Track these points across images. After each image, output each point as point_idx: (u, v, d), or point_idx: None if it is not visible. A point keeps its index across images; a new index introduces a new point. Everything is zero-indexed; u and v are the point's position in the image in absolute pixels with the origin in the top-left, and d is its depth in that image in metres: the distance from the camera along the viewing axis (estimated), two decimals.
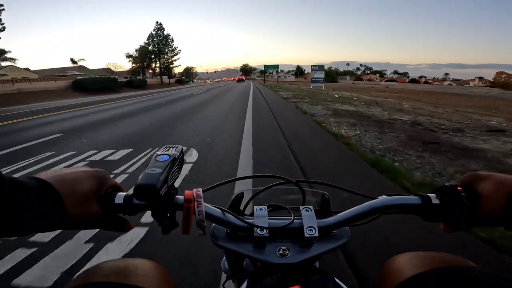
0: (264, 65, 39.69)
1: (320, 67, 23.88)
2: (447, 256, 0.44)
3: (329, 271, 0.39)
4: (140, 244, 1.51)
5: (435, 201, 0.40)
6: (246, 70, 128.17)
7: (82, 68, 44.70)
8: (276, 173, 0.46)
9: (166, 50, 46.82)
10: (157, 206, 0.36)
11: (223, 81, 64.31)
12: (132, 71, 46.70)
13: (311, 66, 23.51)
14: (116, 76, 32.96)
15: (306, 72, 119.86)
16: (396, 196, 0.41)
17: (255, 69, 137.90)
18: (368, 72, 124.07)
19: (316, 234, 0.37)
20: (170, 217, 0.38)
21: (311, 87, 20.86)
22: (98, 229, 0.31)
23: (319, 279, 0.38)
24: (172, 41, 47.35)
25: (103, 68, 55.50)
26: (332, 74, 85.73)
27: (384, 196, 0.41)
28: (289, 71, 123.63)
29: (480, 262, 0.41)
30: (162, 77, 44.80)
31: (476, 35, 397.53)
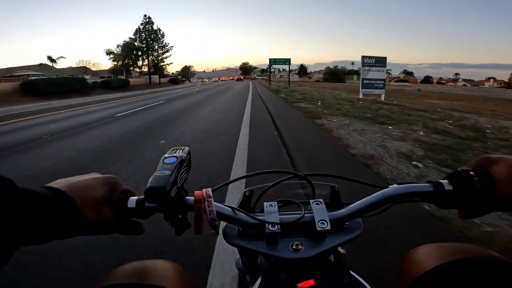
0: (270, 59, 29.50)
1: (379, 60, 12.52)
2: (470, 246, 0.44)
3: (344, 264, 0.39)
4: None
5: (448, 187, 0.40)
6: (246, 69, 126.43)
7: (45, 67, 40.09)
8: None
9: (156, 46, 43.28)
10: (168, 208, 0.38)
11: (221, 80, 62.45)
12: (113, 70, 44.07)
13: (362, 57, 12.25)
14: (88, 76, 26.68)
15: (309, 71, 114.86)
16: (408, 184, 0.41)
17: (255, 67, 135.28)
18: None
19: (328, 227, 0.38)
20: (182, 218, 0.39)
21: (361, 95, 12.21)
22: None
23: (334, 273, 0.39)
24: (163, 36, 43.69)
25: (77, 67, 48.92)
26: (339, 74, 78.96)
27: (395, 185, 0.42)
28: (291, 71, 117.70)
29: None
30: (152, 76, 42.18)
31: (476, 35, 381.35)
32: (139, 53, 41.10)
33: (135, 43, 40.45)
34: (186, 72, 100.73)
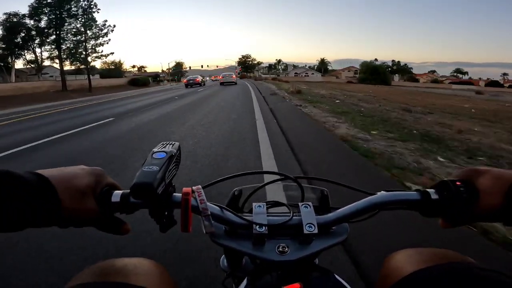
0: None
1: None
2: (448, 252, 0.48)
3: (329, 268, 0.43)
4: None
5: (434, 196, 0.43)
6: (247, 65, 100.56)
7: None
8: None
9: (74, 24, 27.71)
10: (154, 205, 0.40)
11: (212, 79, 57.39)
12: None
13: None
14: None
15: (333, 69, 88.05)
16: (395, 192, 0.45)
17: (259, 63, 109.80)
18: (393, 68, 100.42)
19: (316, 231, 0.41)
20: (168, 215, 0.41)
21: None
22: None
23: (319, 276, 0.41)
24: (91, 7, 28.40)
25: None
26: (383, 72, 53.90)
27: (383, 191, 0.45)
28: (309, 67, 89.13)
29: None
30: (88, 77, 29.42)
31: (480, 33, 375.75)
32: (36, 38, 26.52)
33: (30, 21, 26.03)
34: (179, 70, 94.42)
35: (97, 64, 50.15)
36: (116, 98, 17.27)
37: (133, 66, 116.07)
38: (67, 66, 27.94)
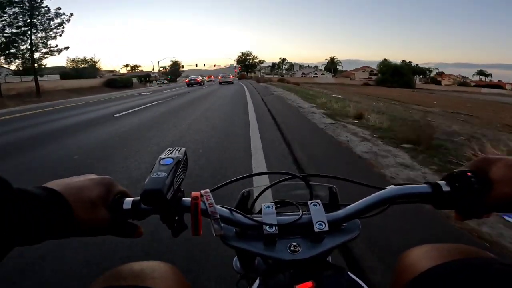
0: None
1: None
2: (465, 247, 0.49)
3: (343, 266, 0.44)
4: None
5: (446, 188, 0.44)
6: (247, 64, 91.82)
7: None
8: None
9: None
10: (165, 210, 0.43)
11: (207, 80, 53.36)
12: None
13: None
14: None
15: (339, 68, 79.48)
16: (405, 185, 0.47)
17: (261, 61, 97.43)
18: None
19: (326, 228, 0.43)
20: (178, 220, 0.44)
21: None
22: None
23: (332, 274, 0.43)
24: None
25: None
26: (406, 74, 45.58)
27: (392, 186, 0.47)
28: (316, 67, 79.83)
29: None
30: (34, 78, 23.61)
31: (482, 35, 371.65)
32: None
33: None
34: (176, 70, 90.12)
35: (62, 62, 42.07)
36: (66, 106, 13.78)
37: (126, 65, 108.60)
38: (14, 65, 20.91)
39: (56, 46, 25.02)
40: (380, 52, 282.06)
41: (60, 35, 25.15)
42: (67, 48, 26.36)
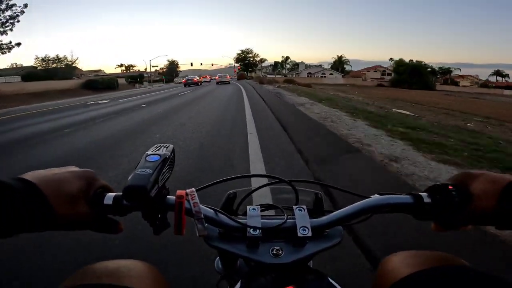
0: None
1: None
2: (442, 255, 0.52)
3: (323, 271, 0.46)
4: None
5: (427, 200, 0.47)
6: (247, 62, 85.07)
7: None
8: None
9: None
10: (147, 207, 0.43)
11: (201, 80, 46.65)
12: None
13: None
14: None
15: (351, 69, 73.23)
16: (388, 195, 0.49)
17: (262, 60, 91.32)
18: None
19: (309, 234, 0.44)
20: (161, 217, 0.45)
21: None
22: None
23: (313, 279, 0.45)
24: None
25: None
26: (424, 74, 39.08)
27: (376, 195, 0.49)
28: (320, 66, 73.62)
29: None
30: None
31: (482, 34, 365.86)
32: None
33: None
34: (173, 70, 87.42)
35: (29, 62, 36.47)
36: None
37: (121, 65, 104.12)
38: None
39: (10, 42, 20.35)
40: (382, 52, 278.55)
41: (11, 30, 20.57)
42: (18, 44, 21.69)
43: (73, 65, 43.55)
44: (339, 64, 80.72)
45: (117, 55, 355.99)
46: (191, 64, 76.42)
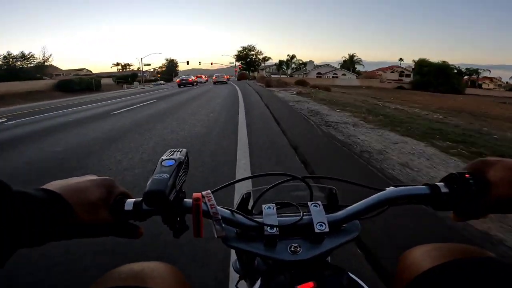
0: None
1: None
2: (466, 247, 0.52)
3: (342, 266, 0.47)
4: None
5: (444, 189, 0.47)
6: (249, 60, 77.87)
7: None
8: None
9: None
10: (167, 211, 0.45)
11: (195, 79, 41.83)
12: None
13: None
14: None
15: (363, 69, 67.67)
16: (404, 187, 0.50)
17: (266, 58, 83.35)
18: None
19: (327, 229, 0.45)
20: (180, 221, 0.46)
21: None
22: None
23: (333, 275, 0.45)
24: None
25: None
26: (450, 75, 32.36)
27: (391, 187, 0.50)
28: (327, 65, 67.78)
29: None
30: None
31: (485, 35, 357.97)
32: None
33: None
34: (172, 69, 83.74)
35: None
36: None
37: (117, 64, 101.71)
38: None
39: None
40: (381, 53, 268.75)
41: None
42: None
43: (46, 63, 37.36)
44: (350, 63, 73.25)
45: (116, 55, 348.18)
46: (187, 63, 70.30)
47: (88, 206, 0.40)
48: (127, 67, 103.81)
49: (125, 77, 56.25)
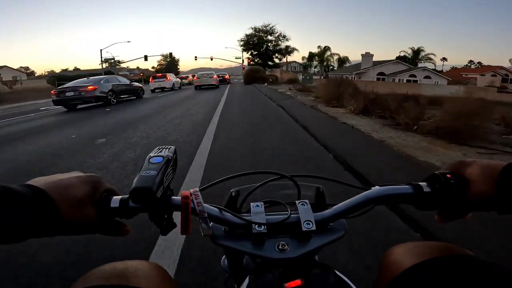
0: None
1: None
2: (445, 245, 0.58)
3: (329, 264, 0.51)
4: None
5: (426, 189, 0.52)
6: (264, 52, 52.01)
7: None
8: None
9: None
10: (154, 209, 0.48)
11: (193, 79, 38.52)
12: None
13: None
14: None
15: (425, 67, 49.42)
16: (388, 186, 0.55)
17: (290, 49, 55.24)
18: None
19: (314, 228, 0.50)
20: (167, 218, 0.50)
21: None
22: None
23: (320, 273, 0.49)
24: None
25: None
26: None
27: (377, 186, 0.56)
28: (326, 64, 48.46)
29: None
30: None
31: (488, 35, 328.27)
32: None
33: None
34: (173, 65, 78.72)
35: None
36: None
37: (105, 61, 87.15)
38: None
39: None
40: (382, 53, 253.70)
41: None
42: None
43: None
44: (413, 60, 52.99)
45: (107, 52, 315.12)
46: (195, 58, 52.77)
47: (72, 203, 0.42)
48: (118, 64, 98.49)
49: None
